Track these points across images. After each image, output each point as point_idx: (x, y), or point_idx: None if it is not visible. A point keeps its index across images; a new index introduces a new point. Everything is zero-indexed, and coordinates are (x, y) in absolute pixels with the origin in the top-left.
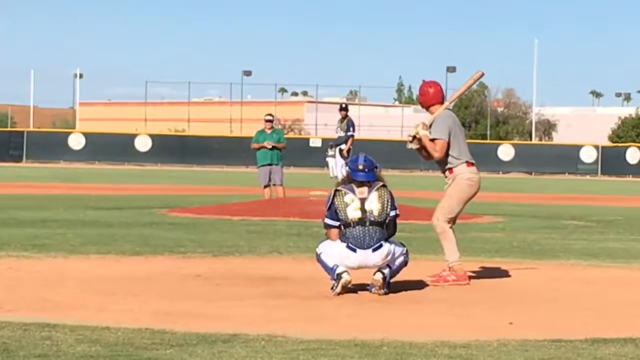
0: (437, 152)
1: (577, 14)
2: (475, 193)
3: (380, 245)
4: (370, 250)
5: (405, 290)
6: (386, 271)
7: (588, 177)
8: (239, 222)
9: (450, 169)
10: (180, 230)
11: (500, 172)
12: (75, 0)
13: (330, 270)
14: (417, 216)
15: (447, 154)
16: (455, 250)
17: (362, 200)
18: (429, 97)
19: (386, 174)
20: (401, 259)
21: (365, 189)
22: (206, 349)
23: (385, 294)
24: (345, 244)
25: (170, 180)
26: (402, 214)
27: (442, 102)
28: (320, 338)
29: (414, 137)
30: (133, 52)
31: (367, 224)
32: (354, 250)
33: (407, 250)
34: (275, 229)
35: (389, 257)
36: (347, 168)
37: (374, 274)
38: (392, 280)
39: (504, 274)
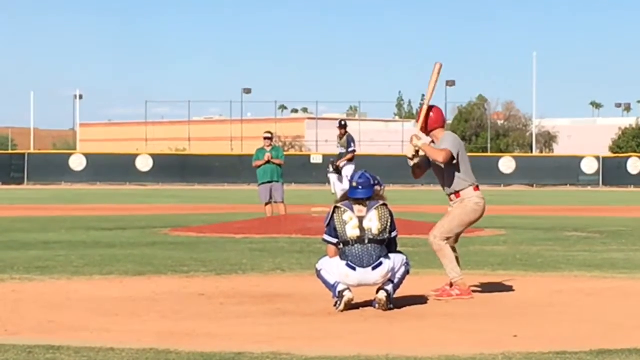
0: (441, 155)
1: (575, 26)
2: (479, 218)
3: (380, 263)
4: (370, 268)
5: (409, 305)
6: (389, 288)
7: (589, 188)
8: (241, 240)
9: (457, 193)
10: (183, 250)
11: (502, 185)
12: (74, 21)
13: (331, 287)
14: (419, 231)
15: (453, 175)
16: (456, 266)
17: (361, 219)
18: (431, 121)
19: (387, 189)
20: (402, 270)
21: (363, 207)
22: None
23: (390, 309)
24: (345, 262)
25: (172, 200)
26: (404, 228)
27: (443, 126)
28: (325, 355)
29: (417, 152)
30: (132, 72)
31: (366, 241)
32: (354, 269)
33: (407, 259)
34: (278, 246)
35: (390, 274)
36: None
37: (377, 292)
38: (395, 295)
39: (507, 286)
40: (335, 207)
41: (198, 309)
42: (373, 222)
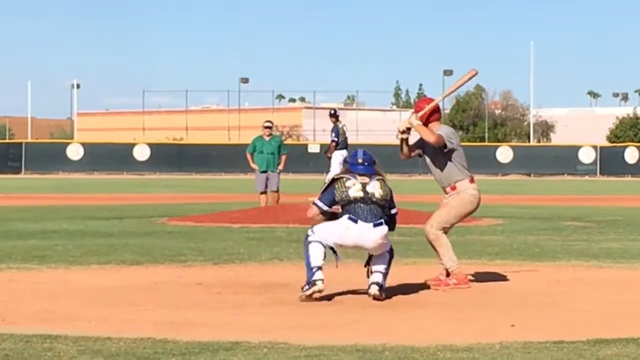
0: (433, 136)
1: (573, 15)
2: (474, 210)
3: (381, 223)
4: (372, 225)
5: (407, 294)
6: (379, 280)
7: (587, 177)
8: (238, 230)
9: (454, 185)
10: (180, 239)
11: (499, 175)
12: (71, 10)
13: (309, 269)
14: (416, 220)
15: (449, 167)
16: (452, 255)
17: (364, 184)
18: (426, 114)
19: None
20: (387, 257)
21: (366, 177)
22: (208, 357)
23: (387, 298)
24: (346, 216)
25: (169, 189)
26: (402, 218)
27: (439, 119)
28: (322, 344)
29: (408, 129)
30: (130, 62)
31: (369, 203)
32: (355, 222)
33: (391, 245)
34: (275, 235)
35: (386, 242)
36: (346, 164)
37: (369, 287)
38: (395, 285)
39: (504, 276)
40: (338, 178)
41: (195, 298)
42: (376, 189)
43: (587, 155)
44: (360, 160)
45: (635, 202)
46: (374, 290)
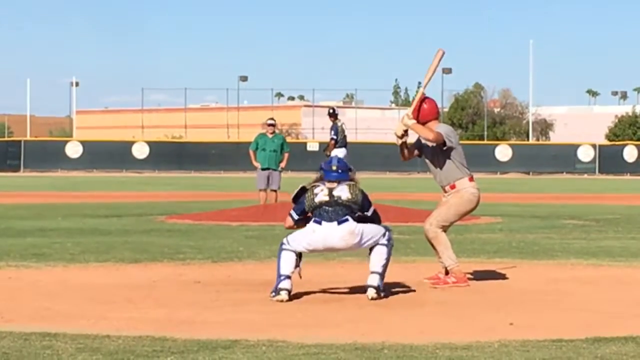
0: (432, 134)
1: (572, 13)
2: (474, 209)
3: (346, 220)
4: (336, 223)
5: (405, 293)
6: (377, 282)
7: (586, 176)
8: (237, 228)
9: (453, 184)
10: (179, 237)
11: (498, 173)
12: (70, 8)
13: (278, 275)
14: (415, 218)
15: (448, 166)
16: (451, 253)
17: (331, 189)
18: (425, 113)
19: (383, 176)
20: (384, 252)
21: (334, 183)
22: (207, 356)
23: (386, 296)
24: (312, 220)
25: (168, 187)
26: (400, 216)
27: (437, 118)
28: (321, 342)
29: (406, 131)
30: (129, 60)
31: (334, 205)
32: (320, 223)
33: (389, 234)
34: (274, 233)
35: (357, 238)
36: (320, 171)
37: (367, 289)
38: (393, 283)
39: (503, 274)
40: (307, 188)
41: (194, 296)
42: (343, 192)
43: (586, 154)
44: (334, 168)
45: (634, 201)
46: (372, 293)
